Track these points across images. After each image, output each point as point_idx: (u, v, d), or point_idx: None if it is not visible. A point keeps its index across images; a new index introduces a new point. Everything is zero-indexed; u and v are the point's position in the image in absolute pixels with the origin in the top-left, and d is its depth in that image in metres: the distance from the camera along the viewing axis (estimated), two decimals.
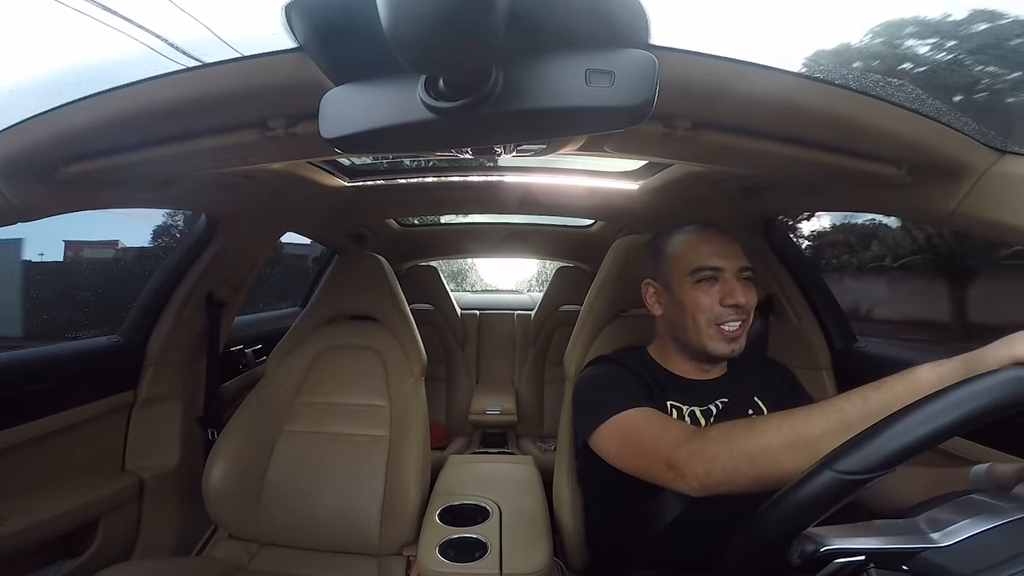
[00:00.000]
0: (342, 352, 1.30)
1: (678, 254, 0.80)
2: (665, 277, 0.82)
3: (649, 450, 0.66)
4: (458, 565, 0.87)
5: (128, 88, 0.57)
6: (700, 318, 0.77)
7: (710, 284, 0.77)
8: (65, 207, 0.80)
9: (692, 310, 0.77)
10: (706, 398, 0.80)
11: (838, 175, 0.72)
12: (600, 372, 0.84)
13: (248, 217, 1.19)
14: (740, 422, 0.60)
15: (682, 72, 0.50)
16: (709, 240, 0.80)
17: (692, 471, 0.59)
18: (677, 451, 0.61)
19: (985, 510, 0.39)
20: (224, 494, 1.10)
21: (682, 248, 0.80)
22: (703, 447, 0.59)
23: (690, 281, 0.78)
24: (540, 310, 2.28)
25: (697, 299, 0.77)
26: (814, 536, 0.38)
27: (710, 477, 0.57)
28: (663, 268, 0.83)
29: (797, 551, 0.39)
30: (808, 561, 0.38)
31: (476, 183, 1.32)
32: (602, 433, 0.73)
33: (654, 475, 0.65)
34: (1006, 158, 0.62)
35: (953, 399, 0.37)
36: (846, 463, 0.38)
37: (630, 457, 0.70)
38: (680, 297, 0.79)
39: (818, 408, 0.54)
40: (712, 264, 0.77)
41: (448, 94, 0.40)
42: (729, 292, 0.75)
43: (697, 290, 0.77)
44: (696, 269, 0.77)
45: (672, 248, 0.82)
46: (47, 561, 0.96)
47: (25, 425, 0.92)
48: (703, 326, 0.77)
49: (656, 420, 0.70)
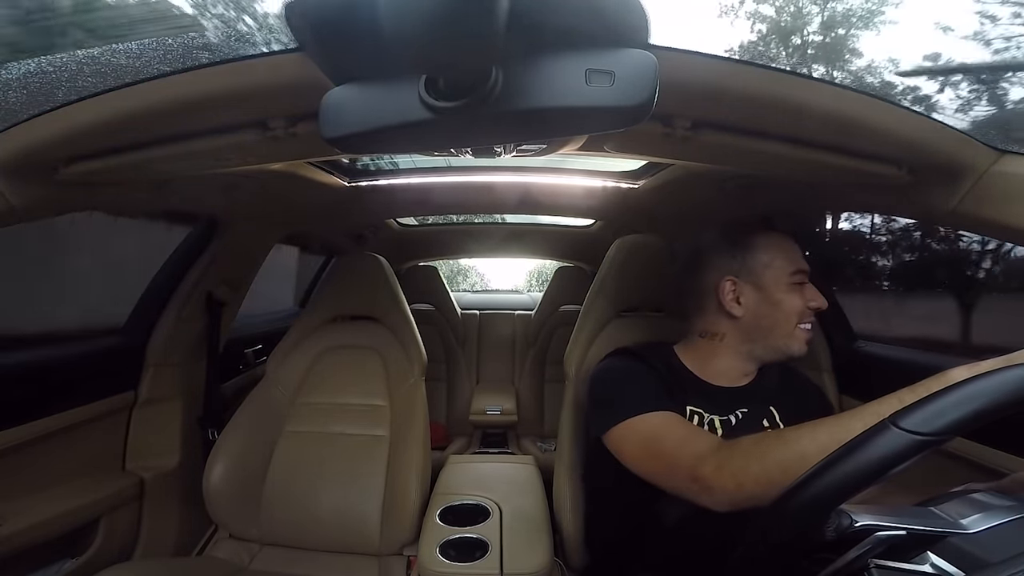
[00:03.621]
0: (342, 352, 1.30)
1: (776, 255, 0.80)
2: (756, 276, 0.80)
3: (670, 460, 0.65)
4: (458, 565, 0.87)
5: (128, 88, 0.57)
6: (794, 318, 0.77)
7: (802, 288, 0.79)
8: (65, 207, 0.80)
9: (789, 311, 0.77)
10: (727, 407, 0.79)
11: (838, 175, 0.72)
12: (621, 365, 0.83)
13: (248, 217, 1.19)
14: (770, 433, 0.60)
15: (682, 72, 0.50)
16: (794, 243, 0.81)
17: (721, 485, 0.58)
18: (702, 465, 0.60)
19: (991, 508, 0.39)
20: (224, 494, 1.10)
21: (781, 249, 0.80)
22: (731, 459, 0.58)
23: (789, 282, 0.78)
24: (540, 310, 2.28)
25: (794, 300, 0.77)
26: (848, 511, 0.37)
27: (742, 491, 0.56)
28: (754, 266, 0.80)
29: (833, 524, 0.38)
30: (843, 535, 0.37)
31: (476, 183, 1.32)
32: (619, 432, 0.73)
33: (675, 487, 0.64)
34: (1006, 158, 0.62)
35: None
36: (911, 421, 0.35)
37: (648, 463, 0.70)
38: (777, 297, 0.78)
39: (854, 413, 0.53)
40: (805, 268, 0.79)
41: (448, 94, 0.40)
42: (814, 295, 0.78)
43: (794, 292, 0.78)
44: (797, 271, 0.78)
45: (768, 248, 0.81)
46: (47, 561, 0.96)
47: (25, 425, 0.92)
48: (793, 327, 0.78)
49: (679, 428, 0.69)
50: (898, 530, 0.36)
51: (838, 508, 0.38)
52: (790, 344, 0.78)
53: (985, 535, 0.36)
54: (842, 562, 0.38)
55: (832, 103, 0.56)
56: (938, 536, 0.37)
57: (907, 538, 0.37)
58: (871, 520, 0.37)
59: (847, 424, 0.52)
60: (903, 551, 0.37)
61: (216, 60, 0.54)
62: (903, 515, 0.38)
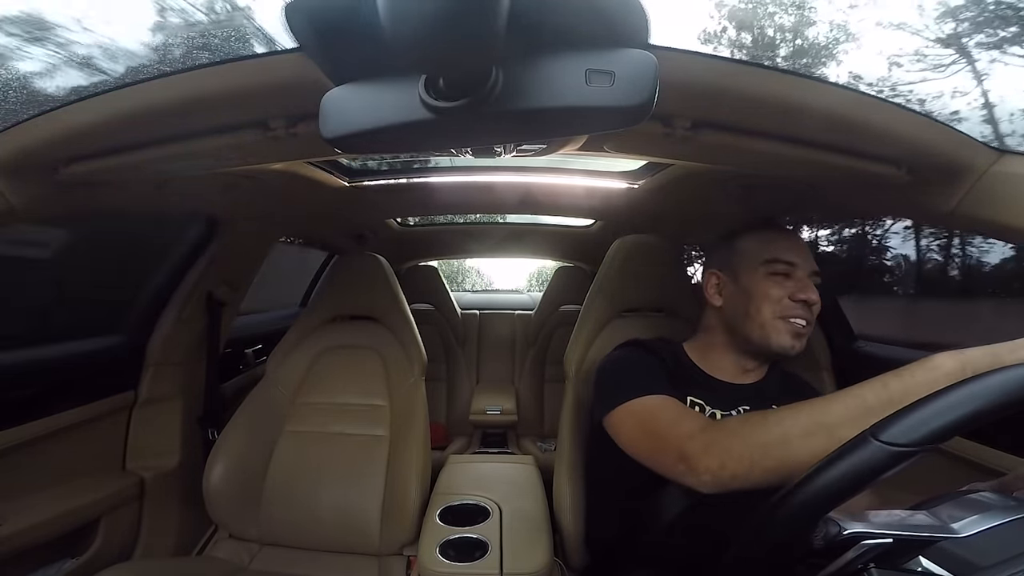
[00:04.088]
0: (342, 352, 1.30)
1: (753, 244, 0.80)
2: (733, 266, 0.81)
3: (662, 439, 0.66)
4: (458, 565, 0.87)
5: (128, 88, 0.57)
6: (766, 309, 0.75)
7: (783, 278, 0.76)
8: (65, 207, 0.80)
9: (760, 299, 0.76)
10: (730, 403, 0.78)
11: (838, 175, 0.72)
12: (627, 355, 0.83)
13: (248, 217, 1.19)
14: (755, 414, 0.59)
15: (682, 72, 0.50)
16: (787, 236, 0.80)
17: (705, 464, 0.58)
18: (690, 443, 0.60)
19: (990, 508, 0.39)
20: (224, 494, 1.10)
21: (759, 239, 0.80)
22: (716, 440, 0.59)
23: (763, 271, 0.77)
24: (540, 310, 2.28)
25: (767, 289, 0.76)
26: (836, 519, 0.38)
27: (724, 470, 0.56)
28: (733, 258, 0.81)
29: (821, 532, 0.38)
30: (831, 543, 0.37)
31: (476, 183, 1.32)
32: (618, 415, 0.73)
33: (665, 467, 0.64)
34: (1006, 158, 0.62)
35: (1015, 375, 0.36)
36: (890, 433, 0.36)
37: (642, 443, 0.70)
38: (748, 286, 0.77)
39: (836, 396, 0.53)
40: (788, 258, 0.76)
41: (448, 94, 0.40)
42: (801, 288, 0.75)
43: (769, 280, 0.76)
44: (771, 260, 0.77)
45: (748, 239, 0.81)
46: (47, 561, 0.96)
47: (25, 425, 0.92)
48: (768, 317, 0.75)
49: (673, 409, 0.69)
50: (885, 538, 0.37)
51: (826, 517, 0.38)
52: (769, 335, 0.75)
53: (977, 538, 0.36)
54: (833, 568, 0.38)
55: (832, 103, 0.56)
56: (928, 541, 0.37)
57: (896, 545, 0.37)
58: (860, 528, 0.37)
59: (827, 407, 0.52)
60: (895, 556, 0.38)
61: (216, 60, 0.54)
62: (895, 520, 0.38)
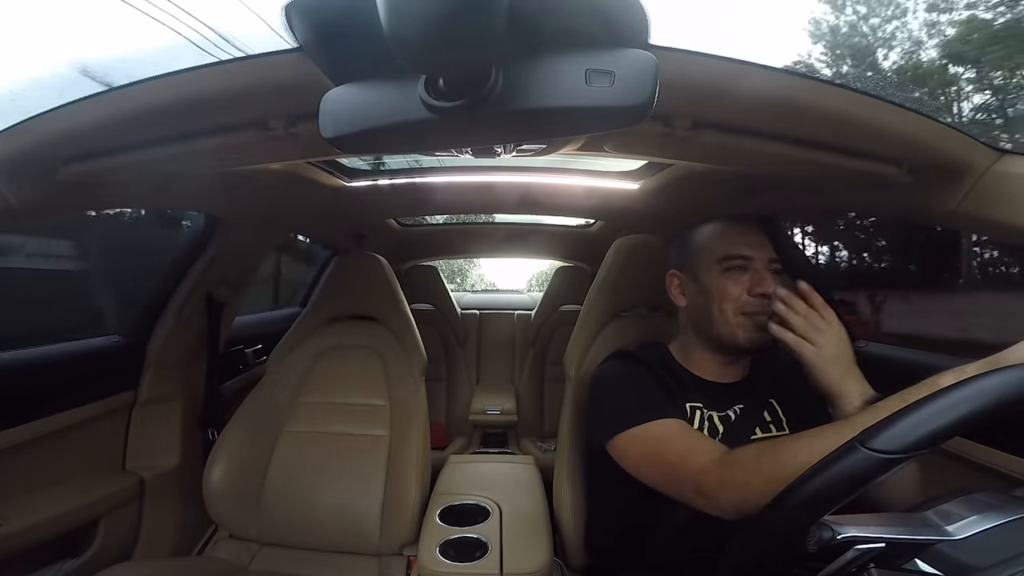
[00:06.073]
0: (342, 352, 1.30)
1: (707, 242, 0.79)
2: (692, 266, 0.80)
3: (675, 471, 0.66)
4: (458, 565, 0.87)
5: (128, 88, 0.57)
6: (727, 307, 0.75)
7: (739, 273, 0.75)
8: (65, 207, 0.80)
9: (719, 298, 0.75)
10: (724, 403, 0.78)
11: (838, 175, 0.72)
12: (622, 370, 0.82)
13: (248, 217, 1.19)
14: (767, 445, 0.59)
15: (682, 72, 0.50)
16: (739, 230, 0.78)
17: (727, 499, 0.58)
18: (706, 478, 0.60)
19: (991, 508, 0.39)
20: (224, 494, 1.10)
21: (711, 237, 0.79)
22: (732, 476, 0.59)
23: (719, 269, 0.76)
24: (540, 310, 2.28)
25: (725, 287, 0.75)
26: (830, 523, 0.38)
27: (747, 503, 0.55)
28: (690, 257, 0.81)
29: (814, 537, 0.38)
30: (824, 548, 0.37)
31: (476, 183, 1.32)
32: (623, 441, 0.72)
33: (682, 497, 0.65)
34: (1006, 158, 0.62)
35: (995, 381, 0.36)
36: (877, 441, 0.37)
37: (653, 474, 0.69)
38: (707, 286, 0.77)
39: (846, 424, 0.54)
40: (742, 253, 0.75)
41: (448, 94, 0.39)
42: (758, 282, 0.73)
43: (726, 278, 0.75)
44: (725, 257, 0.76)
45: (701, 237, 0.81)
46: (47, 561, 0.96)
47: (25, 425, 0.92)
48: (730, 315, 0.75)
49: (679, 437, 0.68)
50: (878, 542, 0.37)
51: (819, 521, 0.38)
52: (735, 332, 0.74)
53: (972, 540, 0.37)
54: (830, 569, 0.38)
55: (832, 103, 0.56)
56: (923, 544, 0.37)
57: (890, 548, 0.37)
58: (853, 532, 0.37)
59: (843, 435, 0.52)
60: (891, 558, 0.38)
61: (216, 60, 0.54)
62: (890, 523, 0.39)
